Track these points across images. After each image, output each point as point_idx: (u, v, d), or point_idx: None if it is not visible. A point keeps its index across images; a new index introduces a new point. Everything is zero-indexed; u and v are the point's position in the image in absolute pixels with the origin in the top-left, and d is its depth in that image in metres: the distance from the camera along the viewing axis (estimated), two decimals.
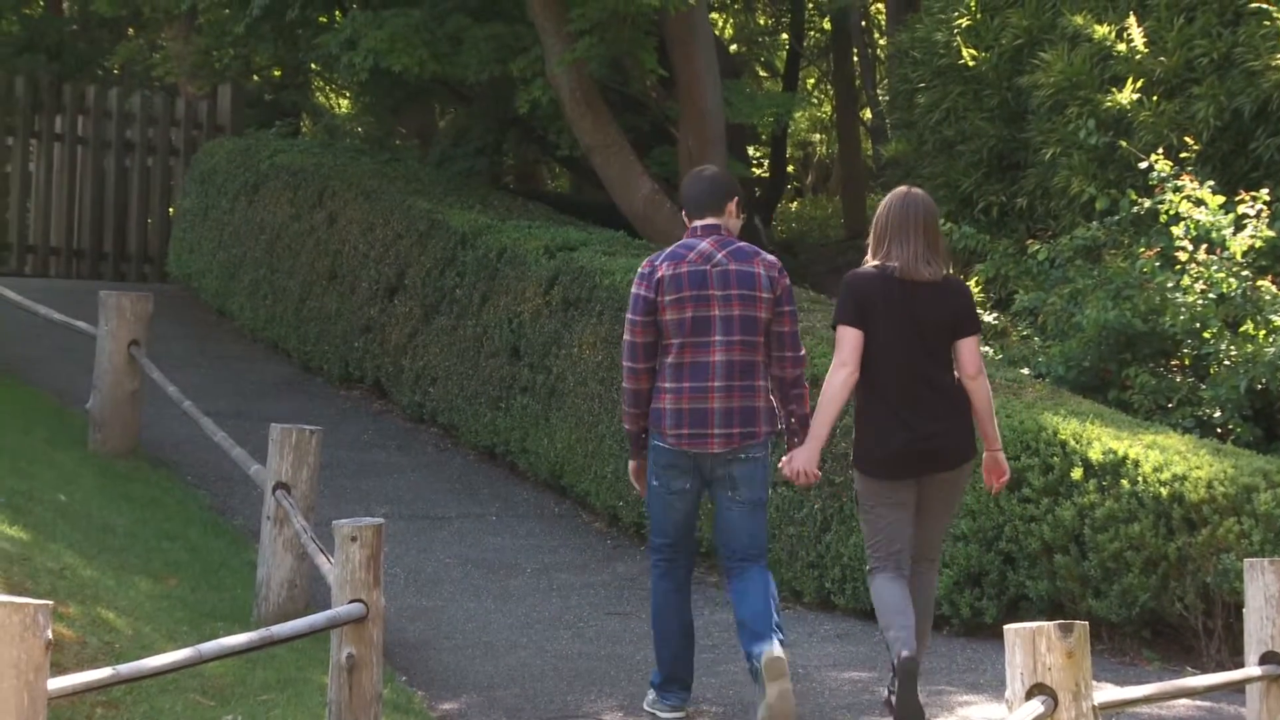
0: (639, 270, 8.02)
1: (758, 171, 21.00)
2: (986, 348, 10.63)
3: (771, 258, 8.06)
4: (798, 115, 20.11)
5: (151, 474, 11.40)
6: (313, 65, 20.35)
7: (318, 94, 26.33)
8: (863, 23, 17.77)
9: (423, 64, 14.66)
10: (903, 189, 8.11)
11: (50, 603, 4.75)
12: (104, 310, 11.63)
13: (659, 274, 7.90)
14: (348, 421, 13.36)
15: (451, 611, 9.44)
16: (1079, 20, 12.11)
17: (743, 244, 8.03)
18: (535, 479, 11.99)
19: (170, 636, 7.63)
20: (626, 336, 8.00)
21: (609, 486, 10.96)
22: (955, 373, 7.87)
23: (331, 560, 6.88)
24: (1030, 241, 12.00)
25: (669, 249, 8.05)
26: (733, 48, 22.49)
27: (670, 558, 8.09)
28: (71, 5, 25.27)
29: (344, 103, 27.35)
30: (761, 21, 23.47)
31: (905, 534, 7.84)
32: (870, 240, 8.01)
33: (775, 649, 7.61)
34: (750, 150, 20.06)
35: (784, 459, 7.91)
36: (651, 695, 8.10)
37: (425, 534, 10.78)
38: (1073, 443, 8.64)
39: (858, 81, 20.11)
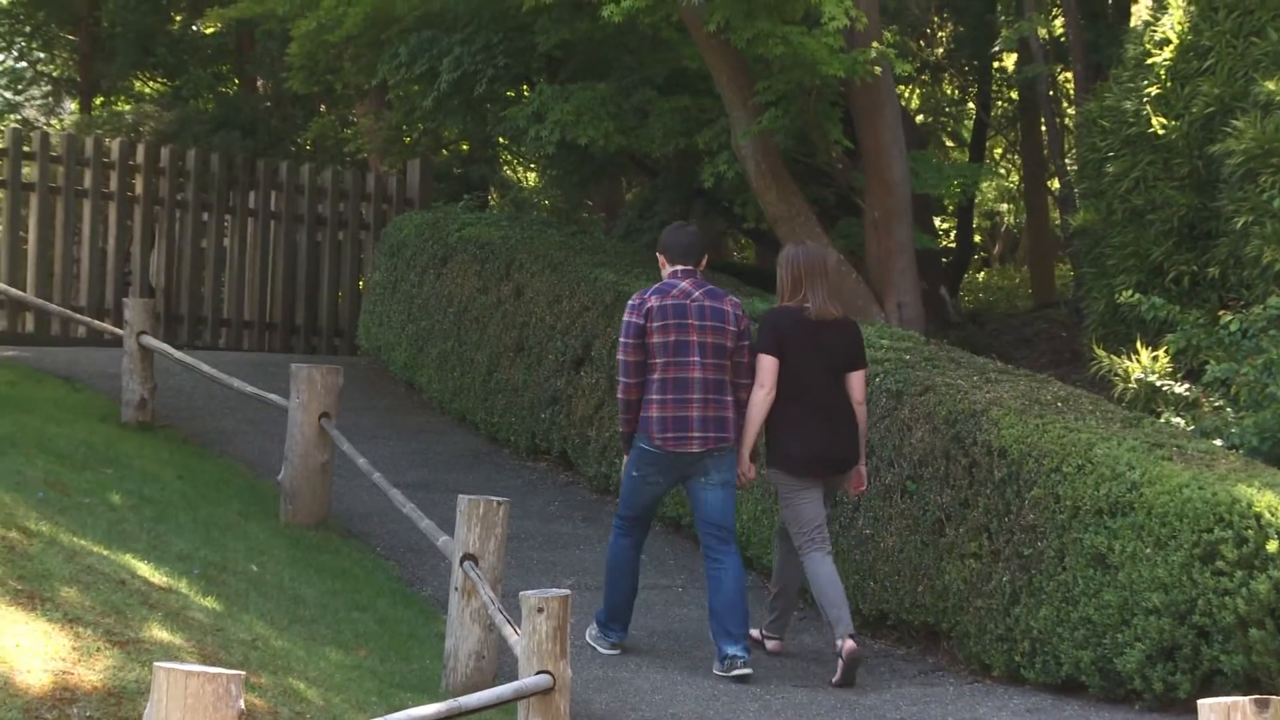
0: (630, 302, 9.92)
1: (944, 242, 20.91)
2: (1178, 419, 10.50)
3: (735, 299, 10.08)
4: (985, 185, 20.02)
5: (341, 545, 11.51)
6: (500, 139, 20.56)
7: (505, 168, 26.60)
8: (1051, 92, 17.64)
9: (608, 137, 14.76)
10: (792, 245, 10.37)
11: (243, 673, 4.81)
12: (295, 383, 11.78)
13: (648, 305, 9.85)
14: (534, 493, 13.42)
15: (638, 683, 9.43)
16: (1271, 86, 11.95)
17: (712, 286, 10.05)
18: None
19: (360, 707, 7.68)
20: (620, 356, 9.91)
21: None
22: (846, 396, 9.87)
23: (518, 631, 6.90)
24: (1222, 312, 11.82)
25: (655, 286, 9.99)
26: (919, 118, 22.44)
27: (632, 525, 10.06)
28: (266, 83, 25.74)
29: (531, 176, 27.60)
30: (948, 92, 23.40)
31: (821, 515, 9.85)
32: (783, 286, 10.01)
33: (744, 665, 9.57)
34: (937, 220, 19.98)
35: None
36: (594, 630, 10.11)
37: None
38: (1268, 515, 8.46)
39: (1045, 151, 19.96)
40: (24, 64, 28.99)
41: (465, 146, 22.92)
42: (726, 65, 13.45)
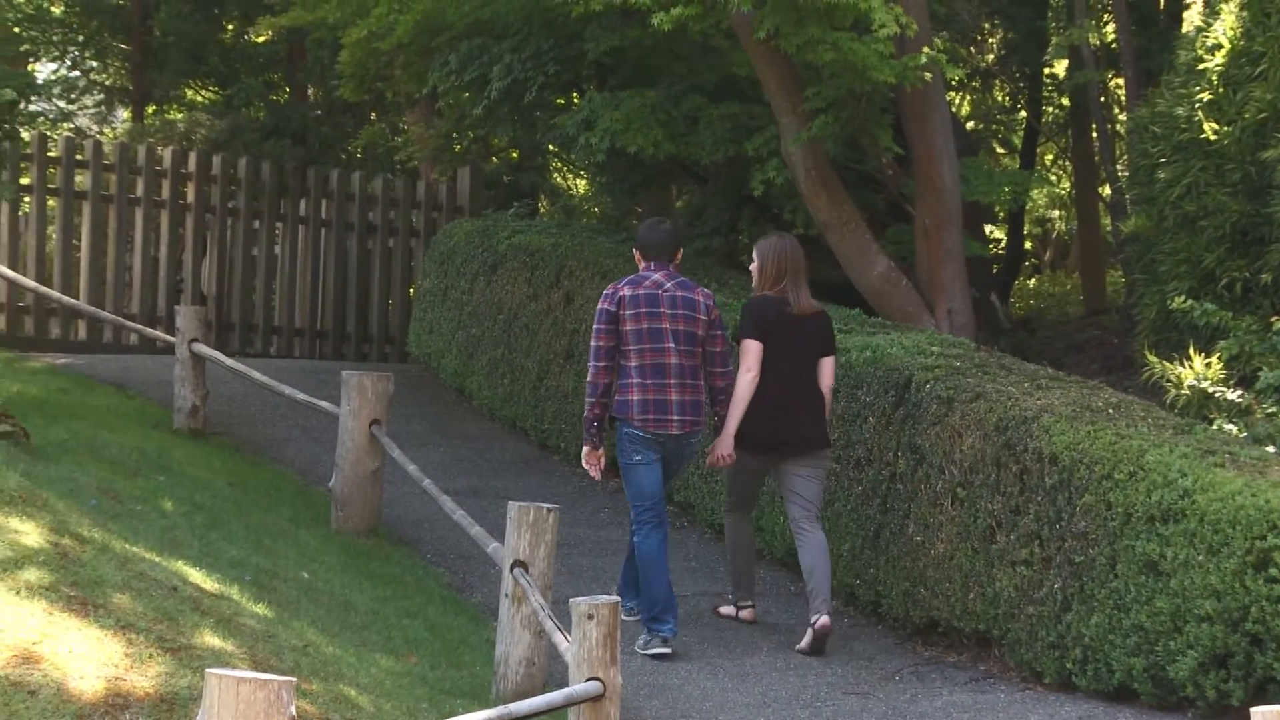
0: (604, 292, 10.44)
1: (995, 249, 20.85)
2: (1230, 426, 10.45)
3: (706, 290, 10.62)
4: (1035, 192, 19.93)
5: (392, 552, 11.54)
6: (550, 146, 20.57)
7: (555, 175, 26.62)
8: (1102, 98, 17.57)
9: (658, 144, 14.77)
10: (776, 236, 10.99)
11: (294, 679, 4.83)
12: (346, 390, 11.82)
13: (620, 294, 10.35)
14: (584, 499, 13.43)
15: (688, 690, 9.43)
16: None
17: (684, 279, 10.57)
18: (772, 557, 11.96)
19: (410, 714, 7.70)
20: (593, 342, 10.34)
21: (846, 565, 10.90)
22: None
23: (569, 638, 6.91)
24: (1275, 318, 11.77)
25: (629, 277, 10.52)
26: (970, 125, 22.37)
27: (654, 517, 10.31)
28: (316, 91, 25.82)
29: (581, 183, 27.62)
30: (999, 98, 23.33)
31: (756, 491, 10.93)
32: (765, 275, 10.67)
33: (665, 634, 10.11)
34: (988, 227, 19.92)
35: (710, 447, 10.62)
36: (644, 636, 10.18)
37: None
38: None
39: (1096, 157, 19.88)
40: (77, 73, 29.14)
41: (515, 154, 22.96)
42: (776, 72, 13.45)
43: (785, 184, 14.19)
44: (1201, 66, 13.06)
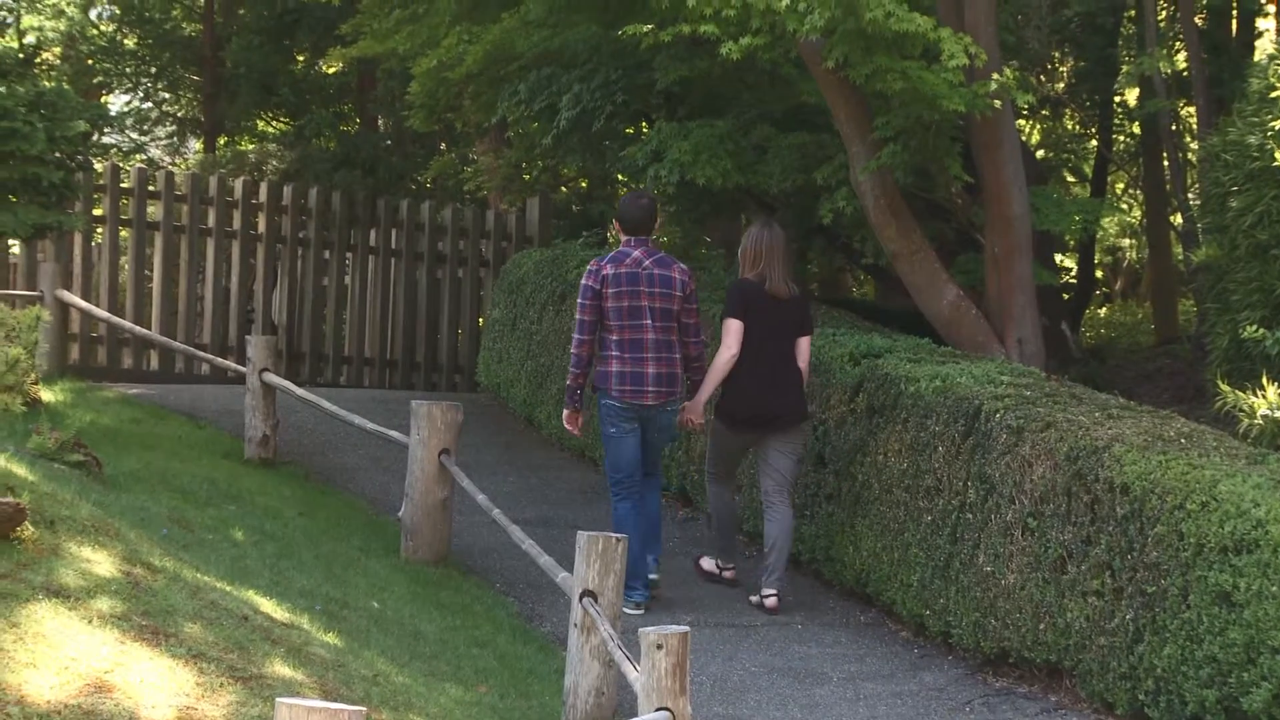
0: (588, 268, 11.30)
1: (1066, 278, 20.78)
2: None
3: (683, 265, 11.54)
4: (1106, 220, 19.88)
5: (461, 581, 11.56)
6: (619, 176, 20.61)
7: None
8: (1173, 126, 17.50)
9: (726, 175, 14.77)
10: (759, 225, 11.88)
11: (364, 709, 4.84)
12: (416, 419, 11.85)
13: (604, 271, 11.22)
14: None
15: None
16: None
17: (663, 254, 11.47)
18: (841, 587, 11.92)
19: None
20: (578, 316, 11.27)
21: (915, 595, 10.87)
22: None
23: (638, 668, 6.90)
24: None
25: (610, 254, 11.37)
26: (1040, 153, 22.33)
27: (628, 486, 11.32)
28: (386, 122, 25.96)
29: None
30: (1070, 127, 23.27)
31: (738, 465, 12.01)
32: (746, 260, 11.61)
33: (653, 572, 11.39)
34: (1058, 256, 19.85)
35: (682, 409, 11.52)
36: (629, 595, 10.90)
37: (731, 642, 10.76)
38: None
39: (1168, 185, 19.81)
40: (149, 104, 29.40)
41: (584, 183, 23.02)
42: (845, 101, 13.44)
43: (854, 213, 14.17)
44: (1274, 95, 12.97)
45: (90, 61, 28.54)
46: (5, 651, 6.72)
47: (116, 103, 30.07)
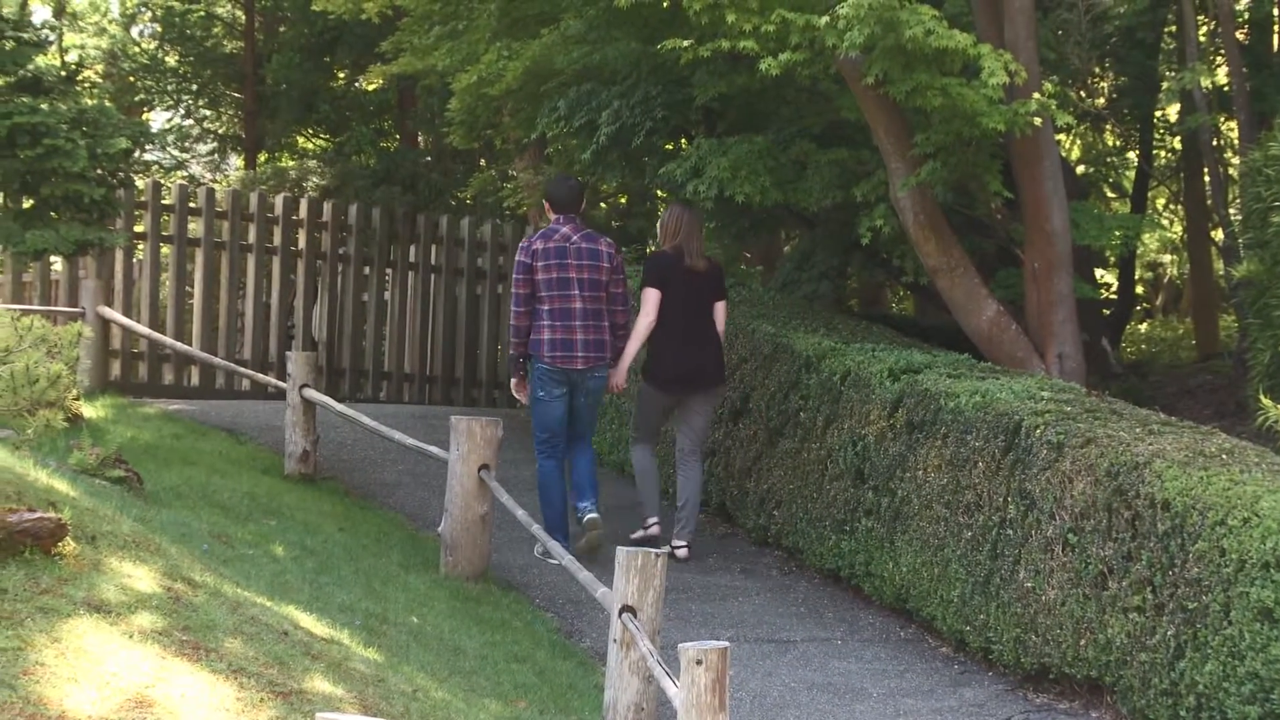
0: (520, 245, 12.47)
1: (1106, 293, 20.72)
2: None
3: (609, 239, 12.66)
4: (1147, 236, 19.82)
5: (501, 597, 11.56)
6: (658, 192, 20.61)
7: None
8: (1214, 141, 17.44)
9: (765, 191, 14.76)
10: (678, 204, 13.40)
11: None
12: (455, 435, 11.86)
13: (534, 247, 12.32)
14: (693, 545, 13.41)
15: None
16: None
17: (590, 230, 12.55)
18: (880, 602, 11.91)
19: None
20: (513, 290, 12.35)
21: (956, 610, 10.85)
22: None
23: (677, 684, 6.90)
24: None
25: (540, 231, 12.46)
26: (1080, 168, 22.27)
27: (552, 445, 12.41)
28: (426, 138, 26.03)
29: None
30: (1110, 142, 23.20)
31: (660, 425, 13.16)
32: (666, 233, 12.88)
33: (593, 512, 12.35)
34: (1098, 271, 19.80)
35: (609, 373, 12.50)
36: (540, 547, 12.21)
37: (770, 658, 10.75)
38: None
39: (1209, 201, 19.74)
40: (190, 121, 29.53)
41: (623, 199, 23.03)
42: (884, 117, 13.43)
43: (894, 229, 14.16)
44: None
45: (132, 79, 28.68)
46: (46, 666, 6.74)
47: (158, 120, 30.21)
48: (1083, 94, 19.75)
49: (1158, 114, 20.52)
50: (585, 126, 16.50)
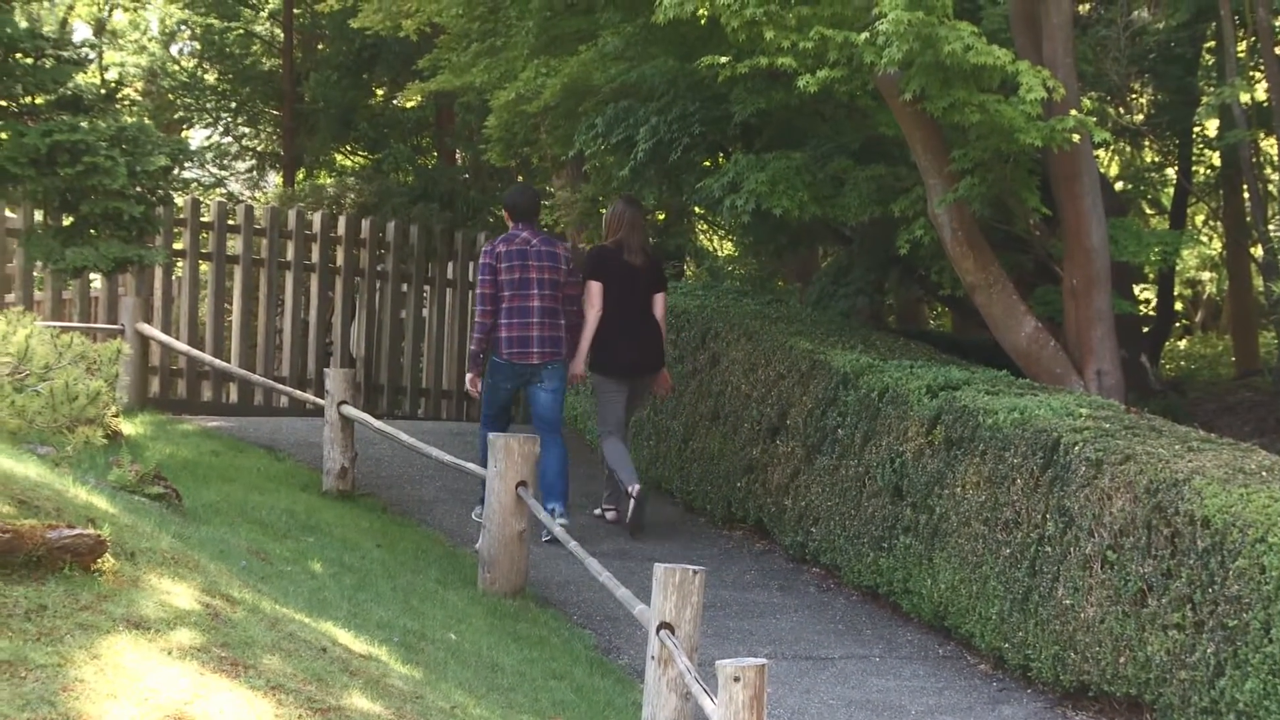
0: (484, 248, 13.46)
1: (1145, 309, 20.66)
2: None
3: (566, 243, 14.53)
4: (1186, 252, 19.77)
5: (539, 613, 11.56)
6: (696, 209, 20.61)
7: (701, 237, 26.67)
8: (1254, 158, 17.40)
9: (803, 206, 14.76)
10: (620, 200, 14.11)
11: None
12: (493, 452, 11.87)
13: (497, 249, 13.29)
14: (730, 561, 13.41)
15: None
16: None
17: (546, 235, 13.56)
18: (919, 620, 11.88)
19: None
20: (478, 290, 13.33)
21: (994, 628, 10.82)
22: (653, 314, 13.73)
23: (715, 700, 6.89)
24: None
25: (502, 236, 13.44)
26: (1118, 184, 22.22)
27: (495, 421, 13.40)
28: (464, 156, 26.06)
29: (726, 245, 27.65)
30: (1148, 158, 23.15)
31: (622, 412, 13.86)
32: (609, 229, 13.86)
33: (562, 516, 13.06)
34: (1137, 288, 19.75)
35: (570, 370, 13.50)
36: (479, 508, 13.28)
37: (808, 675, 10.74)
38: None
39: (1248, 217, 19.69)
40: (229, 139, 29.62)
41: (661, 216, 23.03)
42: (922, 133, 13.42)
43: (932, 245, 14.14)
44: None
45: (171, 97, 28.80)
46: (86, 683, 6.76)
47: (197, 137, 30.32)
48: (1121, 110, 19.73)
49: (1196, 130, 20.47)
50: (623, 143, 16.52)
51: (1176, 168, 21.13)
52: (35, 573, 7.59)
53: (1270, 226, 17.21)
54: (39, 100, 13.94)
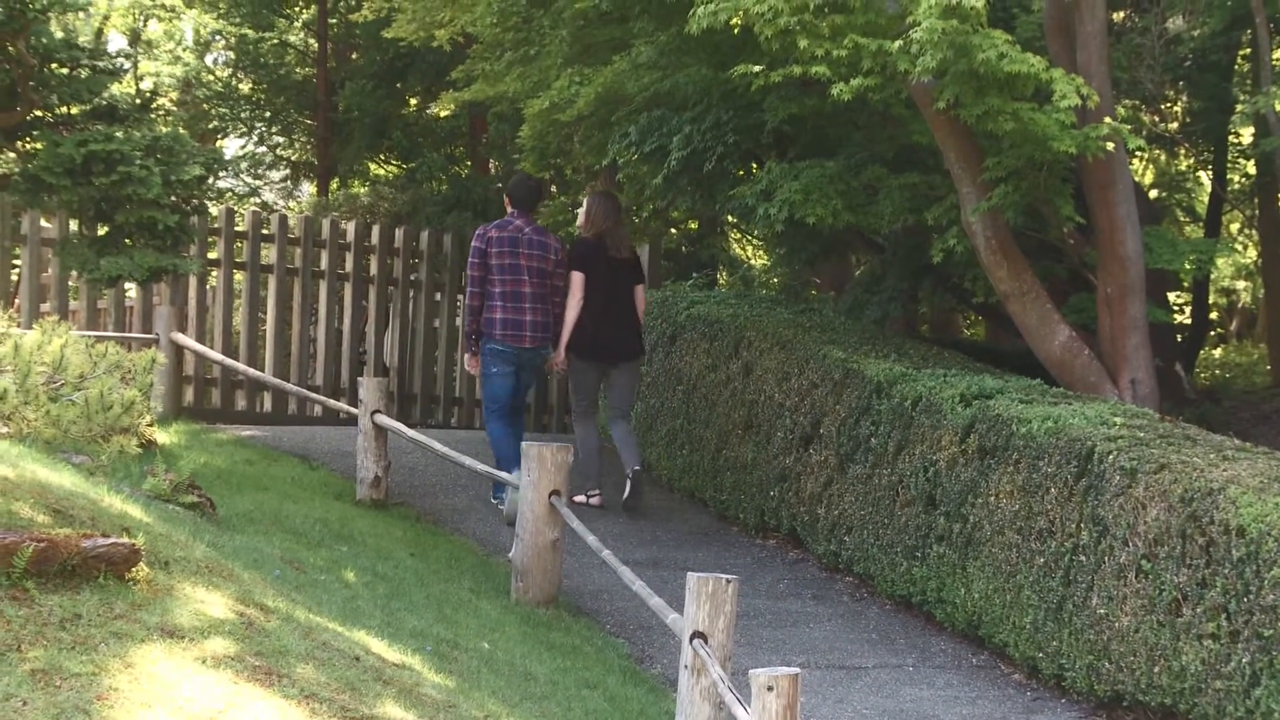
0: (476, 232, 14.10)
1: (1180, 318, 20.61)
2: None
3: (556, 236, 14.60)
4: (1220, 260, 19.68)
5: (572, 622, 11.57)
6: (729, 218, 20.61)
7: (734, 246, 26.67)
8: None
9: (836, 214, 14.74)
10: (601, 193, 15.10)
11: None
12: (526, 460, 11.88)
13: (489, 235, 13.95)
14: (763, 570, 13.40)
15: None
16: None
17: (539, 225, 14.26)
18: (952, 629, 11.86)
19: None
20: (469, 273, 14.04)
21: (1028, 637, 10.79)
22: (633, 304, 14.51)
23: (748, 710, 6.88)
24: None
25: (496, 222, 14.12)
26: (1153, 192, 22.17)
27: (499, 413, 14.00)
28: (498, 165, 26.08)
29: (759, 254, 27.65)
30: (1183, 166, 23.09)
31: (595, 392, 14.75)
32: (590, 221, 14.46)
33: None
34: (1172, 296, 19.69)
35: (553, 357, 14.29)
36: (497, 494, 14.22)
37: (841, 684, 10.72)
38: None
39: None
40: (264, 148, 29.70)
41: (694, 225, 23.05)
42: (956, 141, 13.41)
43: (965, 253, 14.12)
44: None
45: (206, 107, 28.88)
46: (120, 692, 6.78)
47: (231, 147, 30.40)
48: (1155, 117, 19.69)
49: (1231, 138, 20.41)
50: (656, 152, 16.51)
51: (1211, 175, 21.07)
52: (70, 581, 7.62)
53: None
54: (74, 110, 14.01)
